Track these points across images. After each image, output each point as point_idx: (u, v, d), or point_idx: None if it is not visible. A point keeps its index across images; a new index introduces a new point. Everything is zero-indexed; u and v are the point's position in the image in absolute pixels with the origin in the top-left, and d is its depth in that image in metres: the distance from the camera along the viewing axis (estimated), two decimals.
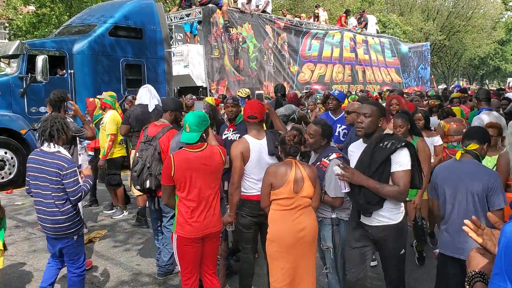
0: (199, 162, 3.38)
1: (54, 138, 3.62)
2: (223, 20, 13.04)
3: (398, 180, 3.10)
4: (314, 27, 16.99)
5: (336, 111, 5.78)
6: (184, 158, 3.36)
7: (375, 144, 3.19)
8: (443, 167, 3.50)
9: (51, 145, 3.62)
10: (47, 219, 3.63)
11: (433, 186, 3.48)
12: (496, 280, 1.42)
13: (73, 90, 9.91)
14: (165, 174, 3.42)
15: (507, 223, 1.47)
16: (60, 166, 3.51)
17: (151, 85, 11.20)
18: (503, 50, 49.35)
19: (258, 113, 3.91)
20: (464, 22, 38.94)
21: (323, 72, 16.94)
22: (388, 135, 3.33)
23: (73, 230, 3.69)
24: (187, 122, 3.41)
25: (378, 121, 3.29)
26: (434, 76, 41.08)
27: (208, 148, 3.48)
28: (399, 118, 4.55)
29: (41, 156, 3.59)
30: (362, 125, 3.27)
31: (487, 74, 55.82)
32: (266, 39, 14.58)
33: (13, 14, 21.88)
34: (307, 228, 3.43)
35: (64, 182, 3.52)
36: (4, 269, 5.07)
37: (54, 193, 3.56)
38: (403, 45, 22.35)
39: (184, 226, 3.38)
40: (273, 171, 3.48)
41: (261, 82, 14.16)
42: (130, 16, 11.10)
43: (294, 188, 3.40)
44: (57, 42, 10.18)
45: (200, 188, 3.38)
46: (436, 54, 39.68)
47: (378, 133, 3.32)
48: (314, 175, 3.51)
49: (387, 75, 20.42)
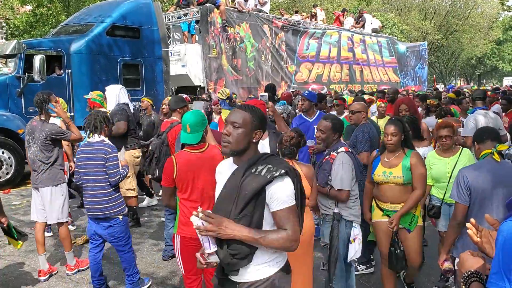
0: (202, 163, 3.30)
1: (98, 129, 4.19)
2: (220, 19, 13.04)
3: (283, 223, 2.15)
4: (311, 26, 17.00)
5: (309, 112, 5.52)
6: (186, 159, 3.29)
7: (246, 167, 2.21)
8: (476, 170, 3.18)
9: (96, 135, 4.19)
10: (95, 201, 4.11)
11: (462, 190, 3.15)
12: (494, 279, 1.43)
13: (70, 89, 9.89)
14: (166, 176, 3.34)
15: (504, 222, 1.48)
16: (105, 151, 4.11)
17: (149, 85, 11.42)
18: (500, 49, 49.45)
19: None
20: (462, 21, 39.03)
21: (321, 72, 16.96)
22: (267, 155, 2.28)
23: (117, 210, 4.17)
24: (187, 122, 3.30)
25: (252, 134, 2.26)
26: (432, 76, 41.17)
27: (210, 148, 3.41)
28: (391, 125, 3.80)
29: (88, 146, 4.18)
30: (228, 139, 2.24)
31: (484, 74, 55.95)
32: (263, 38, 14.58)
33: (10, 14, 21.82)
34: (304, 228, 3.39)
35: (107, 165, 4.08)
36: (1, 269, 5.07)
37: (100, 177, 4.10)
38: (400, 45, 22.38)
39: (187, 226, 3.23)
40: None
41: (259, 82, 14.17)
42: (128, 15, 11.07)
43: None
44: (55, 42, 10.15)
45: (203, 188, 3.31)
46: (434, 54, 39.76)
47: (253, 151, 2.30)
48: (311, 174, 3.50)
49: (385, 75, 20.46)
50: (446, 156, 4.28)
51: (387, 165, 3.78)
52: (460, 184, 3.16)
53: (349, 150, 3.80)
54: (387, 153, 3.84)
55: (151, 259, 5.32)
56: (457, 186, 3.18)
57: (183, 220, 3.31)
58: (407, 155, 3.78)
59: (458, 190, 3.16)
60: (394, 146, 3.77)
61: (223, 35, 13.16)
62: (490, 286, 1.44)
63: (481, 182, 3.07)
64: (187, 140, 3.31)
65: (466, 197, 3.12)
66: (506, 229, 1.44)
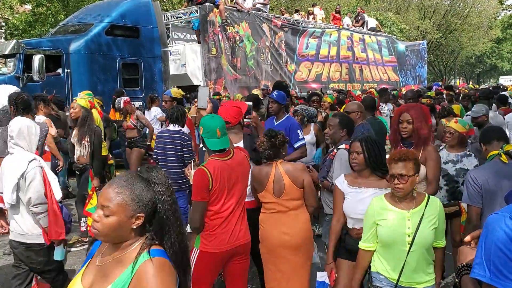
0: (233, 170, 3.09)
1: (178, 120, 5.32)
2: (220, 18, 13.03)
3: None
4: (311, 25, 17.01)
5: (278, 115, 5.08)
6: (219, 168, 3.01)
7: None
8: (484, 171, 3.15)
9: (176, 125, 5.31)
10: (170, 177, 4.27)
11: (473, 191, 3.11)
12: (476, 269, 1.47)
13: (69, 89, 9.88)
14: (199, 189, 2.98)
15: (490, 215, 1.53)
16: (182, 139, 5.20)
17: (148, 84, 11.40)
18: (499, 48, 49.50)
19: (231, 117, 3.66)
20: (461, 20, 39.05)
21: (320, 71, 16.96)
22: None
23: (186, 186, 5.06)
24: (216, 127, 3.04)
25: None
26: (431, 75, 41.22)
27: (237, 153, 3.21)
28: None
29: (168, 133, 5.29)
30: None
31: (483, 73, 56.00)
32: (263, 37, 14.58)
33: (9, 13, 21.79)
34: (292, 232, 3.33)
35: (184, 150, 5.14)
36: (2, 268, 5.08)
37: (176, 158, 5.15)
38: (400, 44, 22.40)
39: (213, 239, 3.03)
40: (255, 174, 3.45)
41: (258, 81, 14.17)
42: (127, 15, 11.07)
43: (274, 191, 3.35)
44: (54, 42, 10.15)
45: (240, 196, 3.13)
46: (433, 53, 39.76)
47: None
48: (297, 173, 3.37)
49: (384, 74, 20.47)
50: (404, 207, 2.73)
51: None
52: (470, 186, 3.10)
53: None
54: None
55: None
56: (467, 188, 3.13)
57: (207, 234, 3.06)
58: None
59: (469, 193, 3.10)
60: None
61: (223, 35, 13.15)
62: (472, 275, 1.49)
63: (490, 184, 3.05)
64: (220, 145, 3.08)
65: (478, 199, 3.07)
66: (491, 221, 1.48)
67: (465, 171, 3.88)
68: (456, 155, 4.22)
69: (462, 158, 4.18)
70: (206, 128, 3.08)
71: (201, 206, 2.99)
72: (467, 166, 4.09)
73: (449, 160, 4.21)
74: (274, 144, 3.37)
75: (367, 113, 5.75)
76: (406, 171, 2.60)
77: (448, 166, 4.17)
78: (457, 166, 4.15)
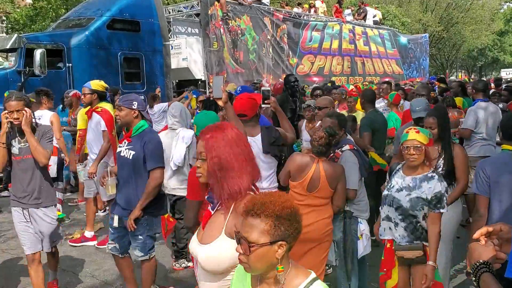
0: None
1: None
2: (221, 12, 12.97)
3: None
4: (312, 18, 16.92)
5: None
6: None
7: None
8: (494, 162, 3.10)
9: None
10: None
11: (481, 181, 3.02)
12: None
13: (71, 83, 9.86)
14: (194, 187, 2.79)
15: None
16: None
17: (149, 78, 11.37)
18: (502, 41, 49.18)
19: (248, 109, 3.60)
20: (463, 13, 38.79)
21: (323, 64, 16.89)
22: None
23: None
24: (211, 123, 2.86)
25: None
26: (433, 68, 41.02)
27: None
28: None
29: None
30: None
31: (485, 66, 55.69)
32: (264, 31, 14.51)
33: (10, 8, 21.74)
34: (313, 226, 3.34)
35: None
36: (5, 262, 5.09)
37: None
38: (402, 37, 22.30)
39: None
40: (296, 162, 3.44)
41: (260, 75, 14.12)
42: (128, 9, 11.02)
43: (308, 187, 3.37)
44: (55, 36, 10.12)
45: None
46: (435, 46, 39.55)
47: None
48: (335, 176, 3.42)
49: (389, 66, 20.36)
50: None
51: None
52: (479, 176, 3.05)
53: (354, 147, 3.78)
54: None
55: None
56: (475, 178, 3.08)
57: None
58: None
59: (477, 182, 3.05)
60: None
61: (225, 28, 13.09)
62: (510, 275, 1.42)
63: (499, 175, 2.99)
64: None
65: (486, 188, 3.00)
66: None
67: (424, 202, 3.06)
68: (414, 179, 3.14)
69: (421, 182, 3.11)
70: (200, 126, 3.07)
71: (195, 205, 2.85)
72: (427, 194, 3.06)
73: (404, 186, 3.17)
74: (330, 143, 3.43)
75: (368, 106, 5.72)
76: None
77: (401, 195, 3.14)
78: (412, 195, 3.10)
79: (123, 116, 3.75)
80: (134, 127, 3.77)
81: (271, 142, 3.63)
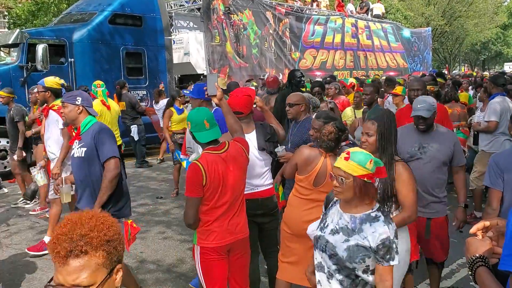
0: (228, 163, 2.97)
1: None
2: (223, 6, 12.92)
3: None
4: (314, 12, 16.85)
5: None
6: (212, 161, 2.90)
7: None
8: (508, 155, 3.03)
9: None
10: None
11: (495, 175, 2.98)
12: (506, 261, 1.42)
13: (73, 78, 9.88)
14: (192, 184, 2.87)
15: None
16: None
17: (152, 73, 11.38)
18: (505, 34, 48.98)
19: (244, 107, 3.55)
20: (466, 7, 38.54)
21: (325, 58, 16.83)
22: None
23: None
24: (203, 118, 2.94)
25: None
26: (435, 62, 40.89)
27: (232, 146, 3.06)
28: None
29: None
30: None
31: (489, 59, 55.47)
32: (266, 25, 14.44)
33: (12, 3, 21.76)
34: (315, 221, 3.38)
35: None
36: (9, 257, 5.11)
37: None
38: (405, 30, 22.22)
39: (210, 234, 2.97)
40: (303, 155, 3.38)
41: (263, 69, 14.08)
42: (130, 3, 11.01)
43: (314, 182, 3.35)
44: (57, 31, 10.12)
45: (230, 192, 2.98)
46: (438, 40, 39.37)
47: None
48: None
49: (393, 60, 20.24)
50: None
51: None
52: (492, 169, 3.02)
53: (350, 141, 3.77)
54: None
55: (157, 246, 5.34)
56: (489, 172, 3.05)
57: (204, 229, 2.99)
58: None
59: (491, 175, 3.02)
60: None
61: (227, 22, 13.04)
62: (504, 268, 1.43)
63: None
64: (211, 136, 2.97)
65: (499, 181, 2.97)
66: None
67: (366, 252, 2.23)
68: (353, 218, 2.31)
69: (362, 224, 2.27)
70: (193, 122, 2.97)
71: (195, 202, 2.91)
72: (370, 241, 2.22)
73: (340, 227, 2.34)
74: (339, 138, 3.35)
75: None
76: None
77: (336, 240, 2.32)
78: (351, 241, 2.27)
79: (67, 112, 3.59)
80: (82, 123, 3.59)
81: (266, 138, 3.60)
